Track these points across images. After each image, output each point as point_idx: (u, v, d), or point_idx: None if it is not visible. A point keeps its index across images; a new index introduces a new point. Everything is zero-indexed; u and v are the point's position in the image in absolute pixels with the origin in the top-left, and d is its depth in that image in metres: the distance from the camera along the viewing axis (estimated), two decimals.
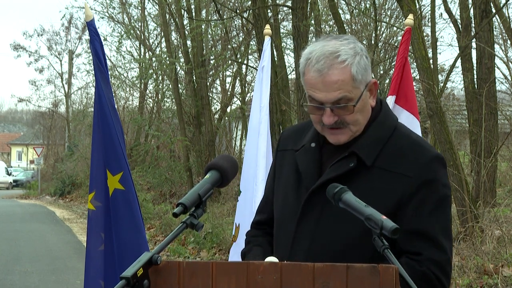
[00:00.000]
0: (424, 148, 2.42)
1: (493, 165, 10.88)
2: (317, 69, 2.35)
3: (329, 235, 2.38)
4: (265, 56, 5.36)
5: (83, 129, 34.50)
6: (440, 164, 2.40)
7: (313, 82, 2.37)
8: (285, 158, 2.60)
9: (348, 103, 2.35)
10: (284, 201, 2.54)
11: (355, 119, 2.39)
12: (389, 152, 2.39)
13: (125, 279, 1.96)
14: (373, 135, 2.42)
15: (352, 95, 2.36)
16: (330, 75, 2.34)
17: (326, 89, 2.35)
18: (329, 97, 2.35)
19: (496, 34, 14.58)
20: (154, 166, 22.67)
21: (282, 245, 2.48)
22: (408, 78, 4.51)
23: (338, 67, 2.34)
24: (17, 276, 11.03)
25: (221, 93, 24.68)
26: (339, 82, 2.33)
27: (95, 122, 4.17)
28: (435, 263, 2.31)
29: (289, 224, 2.47)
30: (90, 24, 4.16)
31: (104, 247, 4.03)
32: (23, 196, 38.67)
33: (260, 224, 2.70)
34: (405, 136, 2.46)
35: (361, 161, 2.38)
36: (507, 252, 8.20)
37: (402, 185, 2.34)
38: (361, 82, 2.37)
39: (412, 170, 2.35)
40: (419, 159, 2.37)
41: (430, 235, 2.32)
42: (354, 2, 17.32)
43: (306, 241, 2.41)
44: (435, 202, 2.35)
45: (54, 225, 20.62)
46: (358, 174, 2.38)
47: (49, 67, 52.34)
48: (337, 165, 2.40)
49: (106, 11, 25.33)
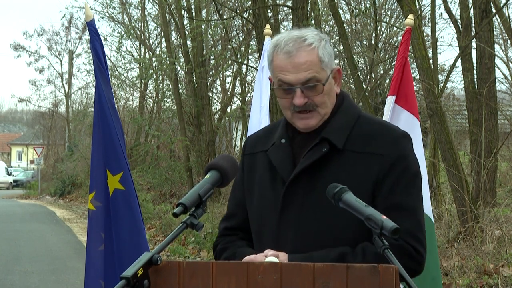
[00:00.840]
0: (390, 128, 2.52)
1: (493, 165, 10.88)
2: (286, 51, 2.44)
3: (313, 224, 2.41)
4: (265, 56, 5.35)
5: (83, 129, 34.49)
6: (407, 141, 2.49)
7: (282, 64, 2.44)
8: (255, 160, 2.62)
9: (318, 83, 2.43)
10: (261, 198, 2.54)
11: (323, 101, 2.46)
12: (357, 136, 2.47)
13: (125, 279, 1.96)
14: (339, 121, 2.49)
15: (320, 76, 2.44)
16: (299, 56, 2.42)
17: (295, 70, 2.42)
18: (299, 77, 2.42)
19: (496, 34, 14.59)
20: (154, 166, 22.66)
21: (266, 239, 2.48)
22: (408, 78, 4.50)
23: (306, 49, 2.43)
24: (17, 276, 11.03)
25: (221, 93, 24.69)
26: (308, 63, 2.42)
27: (95, 122, 4.17)
28: (411, 234, 2.38)
29: (271, 219, 2.48)
30: (90, 24, 4.16)
31: (104, 247, 4.03)
32: (23, 196, 38.67)
33: (231, 230, 2.65)
34: (370, 120, 2.55)
35: (332, 146, 2.44)
36: (507, 252, 8.20)
37: (375, 164, 2.41)
38: (327, 65, 2.46)
39: (382, 148, 2.43)
40: (387, 138, 2.45)
41: (404, 206, 2.39)
42: (354, 2, 17.32)
43: (291, 232, 2.43)
44: (408, 177, 2.43)
45: (54, 225, 20.62)
46: (332, 159, 2.44)
47: (49, 67, 52.37)
48: (310, 153, 2.46)
49: (106, 11, 25.35)
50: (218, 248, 2.63)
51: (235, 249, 2.56)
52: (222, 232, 2.67)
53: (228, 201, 2.76)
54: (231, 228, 2.66)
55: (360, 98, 11.80)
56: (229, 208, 2.71)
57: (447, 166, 9.15)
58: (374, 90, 17.31)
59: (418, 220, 2.42)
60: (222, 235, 2.66)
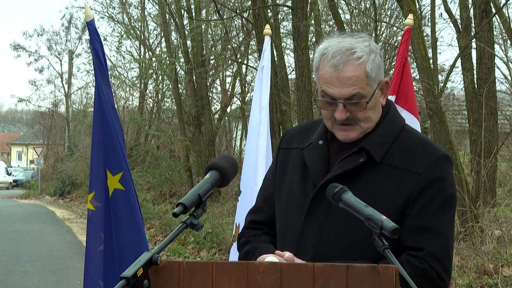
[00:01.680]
0: (433, 147, 2.44)
1: (493, 165, 10.88)
2: (333, 64, 2.36)
3: (337, 232, 2.37)
4: (265, 56, 5.36)
5: (83, 129, 34.50)
6: (448, 163, 2.42)
7: (327, 77, 2.37)
8: (290, 156, 2.58)
9: (361, 99, 2.36)
10: (289, 197, 2.51)
11: (367, 117, 2.39)
12: (397, 151, 2.41)
13: (125, 279, 1.96)
14: (382, 133, 2.43)
15: (365, 92, 2.37)
16: (345, 71, 2.35)
17: (340, 84, 2.35)
18: (343, 93, 2.36)
19: (496, 34, 14.58)
20: (154, 166, 22.66)
21: (289, 240, 2.45)
22: (408, 78, 4.51)
23: (353, 63, 2.35)
24: (17, 276, 11.03)
25: (221, 93, 24.68)
26: (354, 78, 2.35)
27: (95, 122, 4.17)
28: (437, 258, 2.31)
29: (296, 220, 2.45)
30: (90, 24, 4.16)
31: (104, 247, 4.03)
32: (23, 196, 38.66)
33: (257, 224, 2.64)
34: (413, 136, 2.47)
35: (370, 157, 2.39)
36: (507, 252, 8.20)
37: (410, 182, 2.35)
38: (375, 80, 2.39)
39: (421, 168, 2.36)
40: (427, 158, 2.38)
41: (433, 230, 2.33)
42: (354, 2, 17.32)
43: (314, 237, 2.39)
44: (442, 201, 2.36)
45: (54, 225, 20.62)
46: (367, 171, 2.39)
47: (49, 67, 52.40)
48: (346, 160, 2.41)
49: (106, 11, 25.33)
50: (241, 241, 2.62)
51: (257, 244, 2.54)
52: (247, 225, 2.65)
53: (257, 194, 2.72)
54: (257, 222, 2.63)
55: None
56: (258, 201, 2.68)
57: None
58: None
59: (446, 245, 2.34)
60: (248, 228, 2.64)
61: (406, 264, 2.25)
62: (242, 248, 2.60)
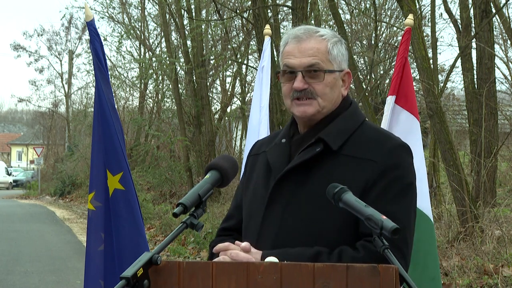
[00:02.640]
0: (390, 137, 2.49)
1: (493, 165, 10.88)
2: (296, 36, 2.49)
3: (296, 221, 2.39)
4: (265, 56, 5.37)
5: (83, 129, 34.51)
6: (405, 151, 2.44)
7: (290, 49, 2.49)
8: (257, 161, 2.63)
9: (319, 69, 2.45)
10: (253, 195, 2.55)
11: (324, 92, 2.46)
12: (355, 142, 2.45)
13: (125, 279, 1.96)
14: (340, 125, 2.48)
15: (325, 65, 2.46)
16: (307, 42, 2.47)
17: (301, 54, 2.46)
18: (303, 61, 2.45)
19: (496, 34, 14.58)
20: (154, 166, 22.67)
21: (251, 234, 2.47)
22: (408, 78, 4.50)
23: (316, 38, 2.49)
24: (17, 276, 11.02)
25: (221, 93, 24.68)
26: (314, 49, 2.46)
27: (95, 122, 4.17)
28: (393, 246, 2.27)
29: (258, 214, 2.48)
30: (90, 24, 4.16)
31: (104, 247, 4.03)
32: (23, 196, 38.66)
33: (227, 231, 2.66)
34: (372, 128, 2.52)
35: (327, 147, 2.42)
36: (507, 252, 8.20)
37: (367, 170, 2.38)
38: (335, 60, 2.48)
39: (377, 155, 2.40)
40: (384, 146, 2.42)
41: (390, 216, 2.28)
42: (354, 2, 17.32)
43: (274, 228, 2.41)
44: (399, 187, 2.38)
45: (54, 225, 20.62)
46: (324, 160, 2.42)
47: (49, 67, 52.48)
48: (305, 152, 2.45)
49: (106, 11, 25.33)
50: (211, 248, 2.61)
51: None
52: (218, 233, 2.68)
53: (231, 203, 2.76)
54: (227, 229, 2.66)
55: (360, 98, 11.80)
56: (229, 209, 2.72)
57: (447, 166, 9.15)
58: (374, 90, 17.32)
59: (403, 231, 2.29)
60: (218, 235, 2.67)
61: (362, 249, 2.27)
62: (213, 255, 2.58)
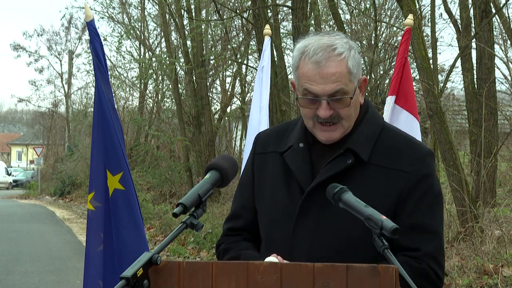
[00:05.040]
0: (417, 144, 2.45)
1: (493, 165, 10.88)
2: (315, 61, 2.33)
3: (329, 236, 2.35)
4: (265, 56, 5.37)
5: (83, 129, 34.50)
6: (433, 159, 2.45)
7: (310, 74, 2.34)
8: (267, 160, 2.53)
9: (345, 95, 2.34)
10: (273, 202, 2.46)
11: (349, 114, 2.37)
12: (382, 149, 2.40)
13: (125, 279, 1.96)
14: (364, 132, 2.41)
15: (348, 88, 2.35)
16: (328, 67, 2.32)
17: (323, 81, 2.33)
18: (326, 89, 2.33)
19: (496, 34, 14.58)
20: (154, 166, 22.66)
21: (280, 247, 2.40)
22: (408, 78, 4.51)
23: (335, 59, 2.33)
24: (17, 276, 11.03)
25: (221, 93, 24.68)
26: (337, 74, 2.32)
27: (95, 122, 4.17)
28: (433, 258, 2.33)
29: (286, 226, 2.41)
30: (90, 24, 4.16)
31: (103, 247, 4.03)
32: (23, 196, 38.66)
33: (235, 230, 2.58)
34: (395, 133, 2.48)
35: (357, 158, 2.37)
36: (507, 252, 8.20)
37: (400, 181, 2.35)
38: (355, 76, 2.37)
39: (409, 165, 2.37)
40: (414, 155, 2.39)
41: (428, 229, 2.34)
42: (354, 2, 17.31)
43: (306, 242, 2.37)
44: (432, 197, 2.38)
45: (54, 225, 20.62)
46: (355, 172, 2.37)
47: (49, 67, 52.38)
48: (333, 163, 2.38)
49: (106, 11, 25.33)
50: (221, 248, 2.57)
51: (239, 251, 2.50)
52: (226, 233, 2.60)
53: (233, 201, 2.67)
54: (235, 228, 2.59)
55: None
56: (234, 208, 2.62)
57: (447, 166, 9.15)
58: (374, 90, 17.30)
59: (440, 243, 2.38)
60: (226, 235, 2.60)
61: (405, 266, 2.23)
62: (223, 255, 2.55)
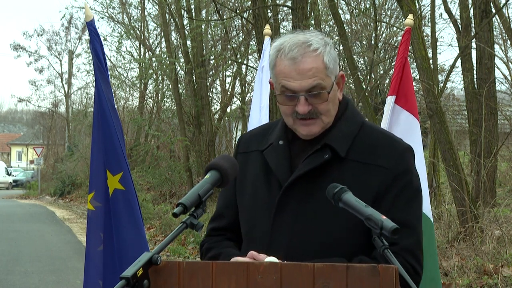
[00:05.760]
0: (395, 141, 2.46)
1: (493, 165, 10.88)
2: (291, 57, 2.36)
3: (308, 231, 2.37)
4: (265, 56, 5.37)
5: (83, 129, 34.51)
6: (412, 155, 2.45)
7: (286, 71, 2.37)
8: (248, 159, 2.56)
9: (322, 90, 2.36)
10: (253, 200, 2.49)
11: (327, 109, 2.39)
12: (360, 145, 2.42)
13: (125, 279, 1.96)
14: (343, 129, 2.43)
15: (325, 83, 2.37)
16: (304, 63, 2.35)
17: (300, 77, 2.35)
18: (303, 85, 2.35)
19: (496, 34, 14.57)
20: (154, 166, 22.67)
21: (258, 242, 2.42)
22: (408, 78, 4.50)
23: (311, 55, 2.36)
24: (17, 276, 11.03)
25: (221, 93, 24.68)
26: (313, 70, 2.35)
27: (95, 122, 4.17)
28: (410, 252, 2.34)
29: (264, 221, 2.43)
30: (90, 24, 4.16)
31: (103, 247, 4.03)
32: (23, 196, 38.67)
33: (218, 230, 2.61)
34: (374, 130, 2.49)
35: (335, 153, 2.39)
36: (507, 252, 8.20)
37: (377, 176, 2.36)
38: (332, 72, 2.40)
39: (387, 161, 2.38)
40: (392, 151, 2.40)
41: (405, 224, 2.33)
42: (354, 2, 17.32)
43: (285, 237, 2.38)
44: (410, 193, 2.39)
45: (54, 225, 20.62)
46: (332, 167, 2.39)
47: (49, 67, 52.39)
48: (311, 158, 2.40)
49: (106, 11, 25.34)
50: (204, 248, 2.60)
51: (220, 249, 2.52)
52: (209, 233, 2.63)
53: (217, 201, 2.69)
54: (218, 228, 2.61)
55: (360, 98, 11.80)
56: (218, 208, 2.65)
57: (447, 166, 9.16)
58: (374, 90, 17.32)
59: (418, 238, 2.38)
60: (209, 235, 2.62)
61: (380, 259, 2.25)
62: (205, 255, 2.57)
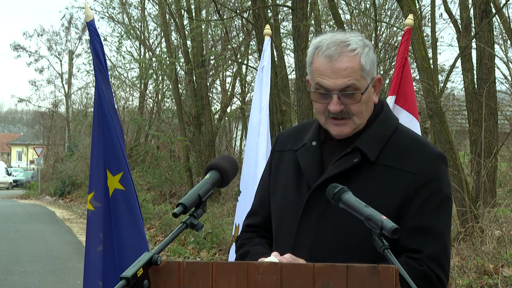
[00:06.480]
0: (427, 147, 2.42)
1: (493, 165, 10.87)
2: (327, 55, 2.34)
3: (333, 233, 2.35)
4: (265, 56, 5.37)
5: (83, 129, 34.51)
6: (443, 163, 2.40)
7: (322, 68, 2.36)
8: (283, 158, 2.56)
9: (355, 91, 2.34)
10: (283, 199, 2.49)
11: (360, 111, 2.37)
12: (391, 150, 2.38)
13: (125, 279, 1.96)
14: (375, 132, 2.40)
15: (360, 84, 2.35)
16: (340, 62, 2.33)
17: (335, 75, 2.33)
18: (337, 84, 2.33)
19: (496, 34, 14.56)
20: (154, 166, 22.67)
21: (284, 243, 2.43)
22: (408, 78, 4.51)
23: (348, 54, 2.34)
24: (17, 276, 11.03)
25: (221, 93, 24.68)
26: (349, 69, 2.33)
27: (95, 122, 4.17)
28: (436, 261, 2.30)
29: (291, 222, 2.43)
30: (90, 24, 4.16)
31: (103, 247, 4.03)
32: (23, 196, 38.64)
33: (253, 227, 2.63)
34: (407, 135, 2.45)
35: (364, 157, 2.36)
36: (507, 252, 8.20)
37: (406, 182, 2.33)
38: (368, 74, 2.37)
39: (416, 167, 2.34)
40: (422, 157, 2.36)
41: (431, 231, 2.31)
42: (354, 2, 17.31)
43: (309, 239, 2.37)
44: (439, 200, 2.34)
45: (54, 225, 20.62)
46: (362, 171, 2.36)
47: (49, 67, 52.33)
48: (341, 161, 2.38)
49: (106, 11, 25.34)
50: (238, 244, 2.62)
51: (250, 247, 2.53)
52: (244, 229, 2.65)
53: (254, 197, 2.71)
54: (253, 225, 2.63)
55: None
56: (253, 204, 2.67)
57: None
58: None
59: (445, 246, 2.33)
60: (244, 232, 2.64)
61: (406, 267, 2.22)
62: (237, 251, 2.61)
